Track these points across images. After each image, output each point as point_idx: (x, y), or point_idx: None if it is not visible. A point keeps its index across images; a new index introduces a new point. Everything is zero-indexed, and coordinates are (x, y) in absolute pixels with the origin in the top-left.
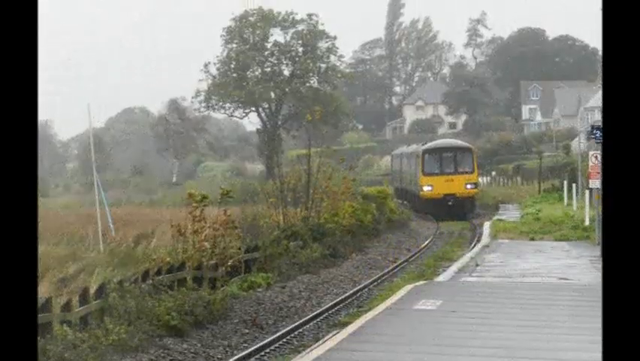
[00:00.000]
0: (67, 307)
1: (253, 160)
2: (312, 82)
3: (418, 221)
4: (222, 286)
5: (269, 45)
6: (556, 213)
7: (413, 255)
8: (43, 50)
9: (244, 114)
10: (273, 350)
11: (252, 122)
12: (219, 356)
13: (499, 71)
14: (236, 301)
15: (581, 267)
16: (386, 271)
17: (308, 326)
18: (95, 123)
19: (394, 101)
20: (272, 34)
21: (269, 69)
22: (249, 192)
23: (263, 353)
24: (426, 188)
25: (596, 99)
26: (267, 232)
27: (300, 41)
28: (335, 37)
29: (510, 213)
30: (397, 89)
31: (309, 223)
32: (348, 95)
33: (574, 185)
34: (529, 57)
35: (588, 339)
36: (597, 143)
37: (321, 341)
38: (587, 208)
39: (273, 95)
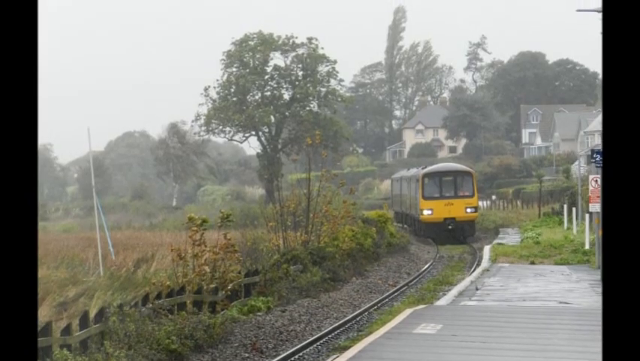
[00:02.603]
0: (67, 331)
1: (253, 184)
2: (312, 106)
3: (417, 245)
4: (222, 310)
5: (269, 69)
6: (556, 237)
7: (413, 279)
8: (45, 84)
9: (244, 138)
10: None
11: (251, 146)
12: None
13: (499, 95)
14: (236, 325)
15: (581, 291)
16: (386, 295)
17: (308, 350)
18: (95, 147)
19: (394, 125)
20: (272, 58)
21: (269, 93)
22: (249, 216)
23: None
24: (426, 212)
25: (596, 123)
26: (267, 256)
27: (300, 65)
28: (335, 61)
29: (510, 237)
30: (397, 112)
31: (309, 247)
32: (349, 118)
33: (574, 209)
34: (529, 81)
35: None
36: (597, 167)
37: None
38: (587, 232)
39: (272, 119)
